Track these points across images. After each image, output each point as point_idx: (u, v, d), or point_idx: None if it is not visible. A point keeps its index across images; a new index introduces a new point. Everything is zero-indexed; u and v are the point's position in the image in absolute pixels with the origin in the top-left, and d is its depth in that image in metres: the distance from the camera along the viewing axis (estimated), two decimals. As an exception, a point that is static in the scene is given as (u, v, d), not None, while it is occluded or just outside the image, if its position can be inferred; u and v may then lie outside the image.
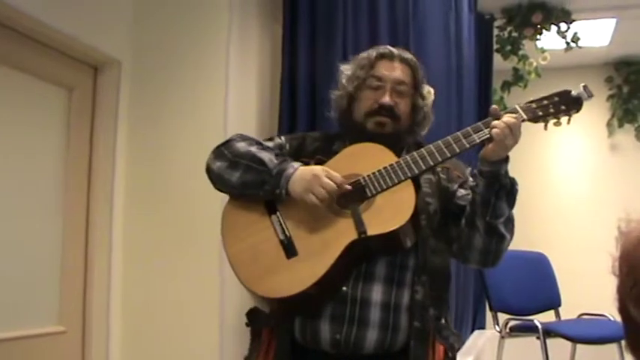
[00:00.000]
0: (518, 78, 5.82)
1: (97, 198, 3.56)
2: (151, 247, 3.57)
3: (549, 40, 5.68)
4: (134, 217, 3.61)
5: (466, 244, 2.05)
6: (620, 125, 6.81)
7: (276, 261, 1.97)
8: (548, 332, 4.05)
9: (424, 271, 2.03)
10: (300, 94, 3.79)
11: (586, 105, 2.11)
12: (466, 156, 2.15)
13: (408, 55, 2.21)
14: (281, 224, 2.01)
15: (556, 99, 2.03)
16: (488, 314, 4.69)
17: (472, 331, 5.21)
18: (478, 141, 1.97)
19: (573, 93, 2.03)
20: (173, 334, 3.48)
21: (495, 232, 2.00)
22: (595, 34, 6.06)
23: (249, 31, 3.84)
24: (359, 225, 1.94)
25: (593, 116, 6.88)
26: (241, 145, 2.12)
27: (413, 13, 3.89)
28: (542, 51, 5.71)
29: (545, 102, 2.03)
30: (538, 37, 5.66)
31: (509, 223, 2.03)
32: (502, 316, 4.41)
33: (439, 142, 2.02)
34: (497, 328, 4.37)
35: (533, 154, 6.89)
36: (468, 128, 2.01)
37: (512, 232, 2.05)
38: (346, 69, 2.24)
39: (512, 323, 4.34)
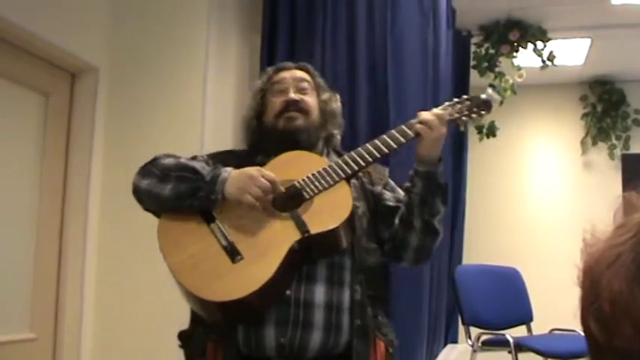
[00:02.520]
0: (494, 95, 5.87)
1: (71, 205, 3.55)
2: (125, 255, 3.56)
3: (525, 57, 5.75)
4: (109, 225, 3.60)
5: (401, 243, 2.15)
6: (594, 143, 6.90)
7: (222, 266, 1.95)
8: (520, 347, 4.08)
9: (360, 271, 2.08)
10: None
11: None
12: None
13: (304, 63, 2.35)
14: (221, 230, 1.99)
15: (468, 102, 2.18)
16: (461, 328, 4.71)
17: (445, 344, 5.23)
18: (403, 141, 2.09)
19: (483, 96, 2.19)
20: (146, 342, 3.46)
21: (431, 229, 2.12)
22: (570, 53, 6.15)
23: (228, 40, 3.85)
24: (301, 225, 1.97)
25: (567, 134, 6.97)
26: (169, 161, 2.11)
27: (391, 28, 3.92)
28: (519, 68, 5.77)
29: (460, 105, 2.18)
30: (514, 54, 5.72)
31: (442, 220, 2.16)
32: (474, 330, 4.43)
33: (366, 144, 2.11)
34: (470, 342, 4.38)
35: (508, 171, 6.96)
36: (393, 131, 2.12)
37: (442, 229, 2.18)
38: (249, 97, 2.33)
39: (484, 337, 4.36)
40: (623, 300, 0.71)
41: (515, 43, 5.67)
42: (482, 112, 2.19)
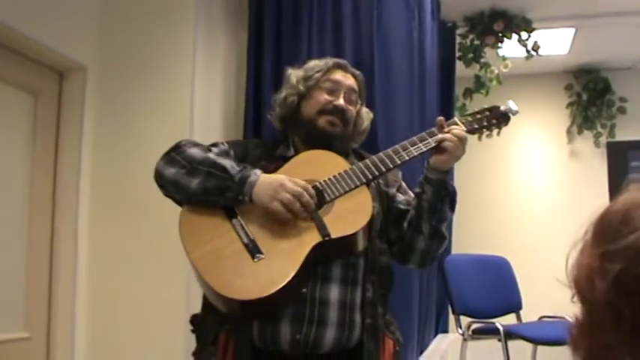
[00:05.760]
0: (479, 85, 5.91)
1: (62, 204, 3.55)
2: (116, 253, 3.57)
3: (510, 48, 5.78)
4: (100, 222, 3.61)
5: (409, 246, 2.20)
6: (580, 132, 6.95)
7: (243, 264, 1.97)
8: (510, 334, 4.13)
9: (373, 271, 2.13)
10: (264, 100, 3.82)
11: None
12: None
13: (358, 72, 2.36)
14: (243, 228, 2.02)
15: (487, 113, 2.27)
16: (451, 318, 4.75)
17: (435, 334, 5.28)
18: (425, 150, 2.15)
19: (502, 108, 2.28)
20: (139, 340, 3.48)
21: (438, 234, 2.19)
22: (555, 42, 6.19)
23: (215, 37, 3.86)
24: (322, 228, 2.00)
25: (553, 123, 7.01)
26: (195, 152, 2.12)
27: (377, 20, 3.95)
28: (504, 59, 5.80)
29: (479, 116, 2.26)
30: (499, 45, 5.75)
31: (448, 226, 2.24)
32: (465, 320, 4.48)
33: (388, 150, 2.16)
34: (460, 331, 4.43)
35: (495, 161, 7.00)
36: (414, 138, 2.18)
37: (447, 235, 2.25)
38: (296, 72, 2.32)
39: (474, 326, 4.41)
40: None
41: (500, 34, 5.69)
42: (502, 125, 2.28)
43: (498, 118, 2.27)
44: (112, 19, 3.71)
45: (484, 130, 2.26)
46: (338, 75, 2.28)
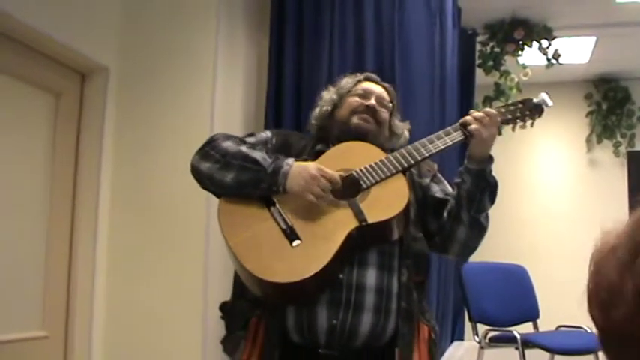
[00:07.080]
0: (499, 93, 5.90)
1: (82, 203, 3.57)
2: (135, 252, 3.59)
3: (531, 56, 5.77)
4: (119, 222, 3.63)
5: (449, 236, 2.22)
6: (599, 141, 6.92)
7: (281, 249, 2.00)
8: (527, 343, 4.10)
9: (407, 256, 2.15)
10: (285, 104, 3.83)
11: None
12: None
13: (388, 84, 2.43)
14: (281, 214, 2.06)
15: (520, 105, 2.30)
16: (468, 325, 4.73)
17: (451, 341, 5.26)
18: (458, 139, 2.19)
19: (535, 100, 2.31)
20: (156, 339, 3.49)
21: (478, 224, 2.19)
22: (575, 51, 6.17)
23: (237, 39, 3.88)
24: (358, 214, 2.03)
25: (572, 132, 6.98)
26: (228, 145, 2.16)
27: (398, 26, 3.95)
28: (524, 67, 5.79)
29: (512, 107, 2.30)
30: (520, 53, 5.74)
31: (487, 217, 2.23)
32: (481, 327, 4.46)
33: (423, 140, 2.21)
34: (477, 339, 4.40)
35: (514, 169, 6.97)
36: (449, 128, 2.23)
37: (488, 224, 2.24)
38: (329, 89, 2.42)
39: (491, 334, 4.39)
40: (616, 287, 0.76)
41: (521, 42, 5.69)
42: (535, 116, 2.32)
43: (531, 110, 2.30)
44: (134, 20, 3.74)
45: (517, 121, 2.29)
46: (368, 85, 2.36)
